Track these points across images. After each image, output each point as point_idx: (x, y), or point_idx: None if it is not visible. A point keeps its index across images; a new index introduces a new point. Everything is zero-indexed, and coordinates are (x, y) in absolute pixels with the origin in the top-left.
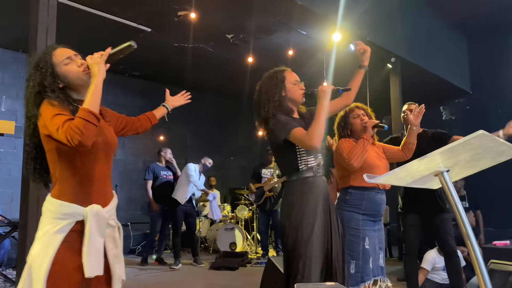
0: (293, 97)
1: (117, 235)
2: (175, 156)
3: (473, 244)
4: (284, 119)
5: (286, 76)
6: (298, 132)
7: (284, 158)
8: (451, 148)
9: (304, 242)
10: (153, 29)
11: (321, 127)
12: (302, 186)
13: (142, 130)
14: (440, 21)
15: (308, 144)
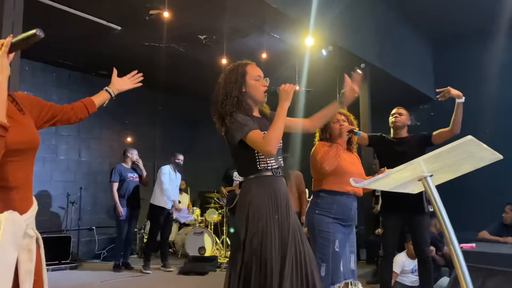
0: (253, 94)
1: (33, 247)
2: (143, 158)
3: (456, 248)
4: (241, 119)
5: (247, 71)
6: (254, 135)
7: (242, 159)
8: (438, 154)
9: (259, 242)
10: (123, 28)
11: (278, 132)
12: (259, 184)
13: (75, 120)
14: (408, 28)
15: (263, 149)
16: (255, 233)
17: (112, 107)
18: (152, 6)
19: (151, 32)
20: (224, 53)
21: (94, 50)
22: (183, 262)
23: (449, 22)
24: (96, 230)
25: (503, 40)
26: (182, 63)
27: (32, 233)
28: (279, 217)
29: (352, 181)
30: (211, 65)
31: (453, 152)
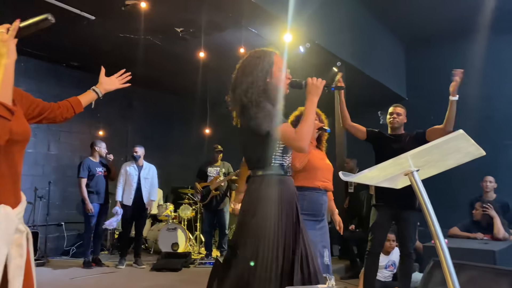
0: (279, 85)
1: (24, 242)
2: (115, 152)
3: (441, 243)
4: (272, 110)
5: (275, 61)
6: (287, 128)
7: (257, 151)
8: (429, 148)
9: (265, 241)
10: (97, 17)
11: (310, 127)
12: (272, 182)
13: (60, 119)
14: (382, 28)
15: (296, 145)
16: (263, 233)
17: None
18: None
19: (127, 23)
20: (201, 47)
21: (66, 40)
22: (156, 258)
23: (422, 23)
24: (65, 225)
25: (473, 40)
26: (157, 56)
27: (23, 228)
28: (287, 217)
29: (341, 174)
30: (188, 59)
31: (443, 147)
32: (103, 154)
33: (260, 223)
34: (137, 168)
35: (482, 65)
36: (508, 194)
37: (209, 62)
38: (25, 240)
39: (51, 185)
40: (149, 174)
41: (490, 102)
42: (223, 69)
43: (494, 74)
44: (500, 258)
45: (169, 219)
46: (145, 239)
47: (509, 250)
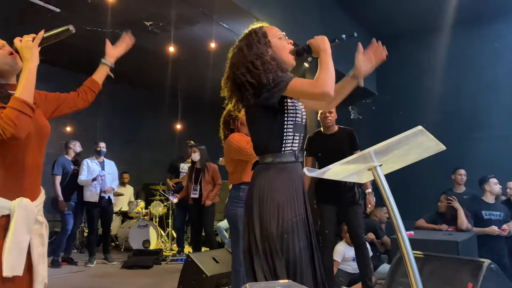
0: (282, 55)
1: (44, 232)
2: (84, 148)
3: (403, 236)
4: (278, 75)
5: (266, 31)
6: (300, 80)
7: (266, 133)
8: (389, 144)
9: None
10: (62, 10)
11: (331, 72)
12: (283, 171)
13: (83, 103)
14: (351, 23)
15: (318, 91)
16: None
17: None
18: None
19: (94, 16)
20: (171, 41)
21: (31, 33)
22: (126, 256)
23: (390, 19)
24: None
25: (439, 37)
26: None
27: (42, 219)
28: (298, 207)
29: (306, 170)
30: (157, 53)
31: (403, 142)
32: (78, 150)
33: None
34: (99, 164)
35: (448, 61)
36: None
37: (180, 56)
38: (45, 230)
39: None
40: (111, 169)
41: (456, 97)
42: (194, 63)
43: (459, 69)
44: (463, 248)
45: (140, 216)
46: (116, 237)
47: (471, 240)
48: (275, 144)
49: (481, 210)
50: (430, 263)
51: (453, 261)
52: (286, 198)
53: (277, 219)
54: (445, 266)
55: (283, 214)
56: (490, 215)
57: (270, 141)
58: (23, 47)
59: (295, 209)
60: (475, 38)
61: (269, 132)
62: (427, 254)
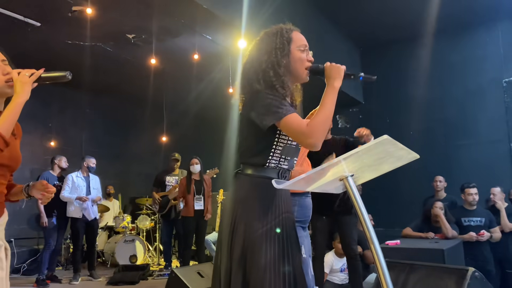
0: (296, 71)
1: (2, 255)
2: (69, 163)
3: (376, 246)
4: (279, 100)
5: (293, 38)
6: (294, 119)
7: (253, 147)
8: (357, 153)
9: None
10: (43, 24)
11: (328, 120)
12: (258, 185)
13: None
14: (336, 33)
15: (306, 141)
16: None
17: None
18: (75, 2)
19: (75, 30)
20: (153, 53)
21: (11, 48)
22: (113, 271)
23: (375, 28)
24: (15, 242)
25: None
26: (109, 63)
27: (1, 243)
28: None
29: (274, 182)
30: (141, 66)
31: (371, 152)
32: (63, 166)
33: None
34: (84, 178)
35: (433, 68)
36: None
37: (164, 68)
38: (3, 253)
39: None
40: (96, 184)
41: (441, 104)
42: (178, 75)
43: (444, 77)
44: (449, 256)
45: (127, 231)
46: (102, 252)
47: (457, 248)
48: (260, 158)
49: (460, 217)
50: (416, 272)
51: (438, 270)
52: (254, 214)
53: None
54: (430, 275)
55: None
56: (469, 221)
57: (255, 155)
58: (18, 81)
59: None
60: (459, 45)
61: (256, 146)
62: (412, 263)
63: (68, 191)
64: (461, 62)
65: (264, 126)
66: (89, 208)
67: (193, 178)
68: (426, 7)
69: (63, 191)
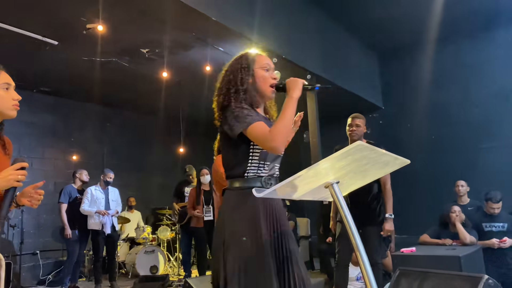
0: (260, 86)
1: None
2: (91, 176)
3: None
4: (246, 111)
5: (257, 60)
6: (259, 126)
7: (232, 159)
8: (334, 159)
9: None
10: (60, 42)
11: (287, 125)
12: (241, 197)
13: None
14: (353, 40)
15: (268, 145)
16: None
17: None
18: (88, 20)
19: (91, 47)
20: (167, 67)
21: (33, 66)
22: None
23: (392, 32)
24: (40, 254)
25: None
26: (126, 77)
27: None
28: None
29: (254, 191)
30: (156, 79)
31: (348, 158)
32: (85, 179)
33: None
34: (103, 191)
35: (453, 71)
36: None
37: (179, 81)
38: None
39: (24, 213)
40: (115, 196)
41: (463, 107)
42: (192, 87)
43: (465, 79)
44: (466, 263)
45: (147, 242)
46: (124, 263)
47: (476, 255)
48: (239, 170)
49: (481, 222)
50: (429, 280)
51: (452, 278)
52: (242, 227)
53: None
54: (443, 283)
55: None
56: (491, 227)
57: (234, 167)
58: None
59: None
60: (479, 46)
61: (234, 158)
62: (426, 271)
63: (87, 204)
64: (482, 63)
65: (234, 135)
66: (107, 222)
67: (202, 188)
68: (444, 9)
69: (83, 204)
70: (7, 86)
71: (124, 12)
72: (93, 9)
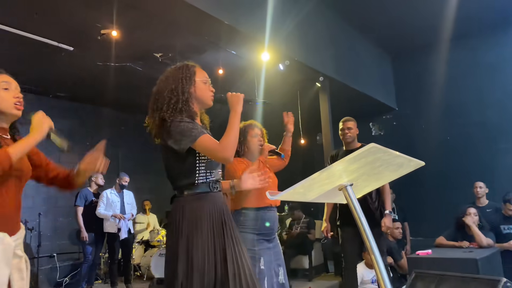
0: (201, 96)
1: (23, 266)
2: (106, 180)
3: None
4: (190, 124)
5: (196, 71)
6: (207, 139)
7: (179, 170)
8: (347, 162)
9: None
10: (75, 48)
11: (235, 137)
12: (194, 201)
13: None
14: (365, 41)
15: (220, 155)
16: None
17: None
18: (103, 25)
19: (106, 52)
20: None
21: (49, 72)
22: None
23: (406, 33)
24: (57, 256)
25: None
26: (140, 81)
27: (21, 254)
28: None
29: (268, 194)
30: None
31: (361, 160)
32: (100, 183)
33: (187, 247)
34: (118, 194)
35: (468, 70)
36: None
37: None
38: (24, 264)
39: (41, 216)
40: (129, 199)
41: (479, 107)
42: None
43: (481, 79)
44: (484, 266)
45: (162, 244)
46: (139, 266)
47: (494, 257)
48: (189, 180)
49: (499, 224)
50: (446, 283)
51: (469, 280)
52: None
53: (186, 252)
54: (460, 286)
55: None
56: (509, 229)
57: (185, 177)
58: (37, 120)
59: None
60: (495, 45)
61: (182, 169)
62: (442, 274)
63: (103, 208)
64: (498, 62)
65: (182, 150)
66: (123, 227)
67: None
68: (458, 8)
69: (99, 207)
70: (6, 86)
71: (138, 17)
72: (108, 15)
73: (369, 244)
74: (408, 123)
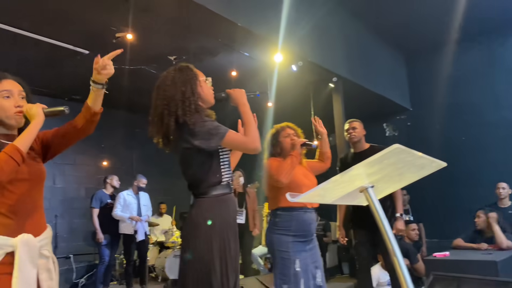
0: (206, 96)
1: (51, 266)
2: (121, 181)
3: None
4: (214, 122)
5: (197, 72)
6: (234, 135)
7: (205, 171)
8: (370, 163)
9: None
10: (91, 51)
11: (256, 127)
12: (220, 203)
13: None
14: (379, 41)
15: (251, 147)
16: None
17: None
18: (118, 29)
19: (121, 55)
20: None
21: (65, 75)
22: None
23: (419, 33)
24: (73, 258)
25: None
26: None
27: (48, 254)
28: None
29: (288, 195)
30: None
31: (384, 162)
32: (115, 184)
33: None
34: (135, 196)
35: (484, 70)
36: None
37: None
38: (52, 264)
39: (57, 218)
40: (145, 200)
41: (496, 106)
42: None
43: (497, 78)
44: (503, 268)
45: (176, 245)
46: (153, 267)
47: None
48: (215, 178)
49: None
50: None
51: (489, 283)
52: (227, 231)
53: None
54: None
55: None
56: None
57: (208, 175)
58: (30, 107)
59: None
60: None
61: (208, 167)
62: (461, 277)
63: (120, 209)
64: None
65: (212, 148)
66: (139, 229)
67: (237, 191)
68: (473, 6)
69: (115, 209)
70: (7, 94)
71: (152, 21)
72: (123, 18)
73: (391, 247)
74: (423, 123)
